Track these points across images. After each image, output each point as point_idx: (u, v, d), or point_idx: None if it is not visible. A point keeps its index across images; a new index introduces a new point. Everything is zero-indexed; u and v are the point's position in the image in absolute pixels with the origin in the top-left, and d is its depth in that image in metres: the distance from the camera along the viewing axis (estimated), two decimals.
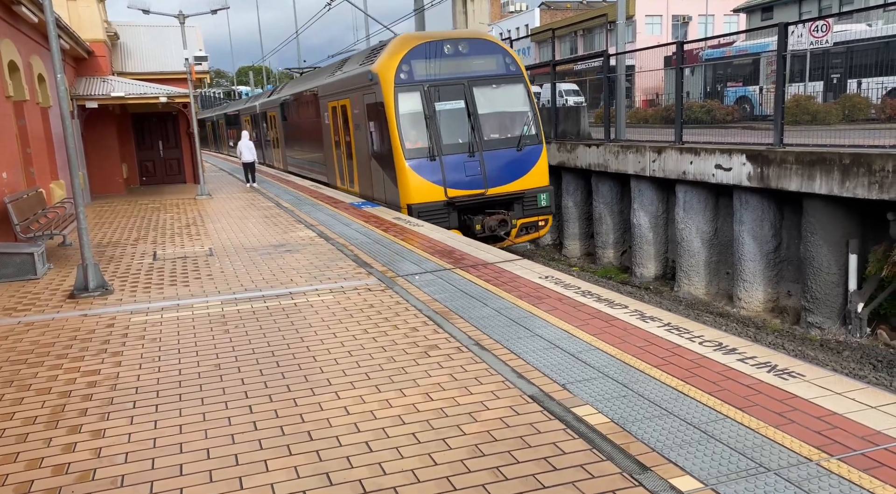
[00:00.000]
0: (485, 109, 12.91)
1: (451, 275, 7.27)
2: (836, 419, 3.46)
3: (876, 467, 3.00)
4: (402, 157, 12.35)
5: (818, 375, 4.01)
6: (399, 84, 12.45)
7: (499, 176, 12.74)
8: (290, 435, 3.75)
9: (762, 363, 4.27)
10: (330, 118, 16.92)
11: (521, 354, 4.77)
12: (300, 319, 6.01)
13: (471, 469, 3.25)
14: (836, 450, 3.16)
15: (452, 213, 12.47)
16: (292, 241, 10.01)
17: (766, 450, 3.21)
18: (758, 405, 3.68)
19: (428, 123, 12.46)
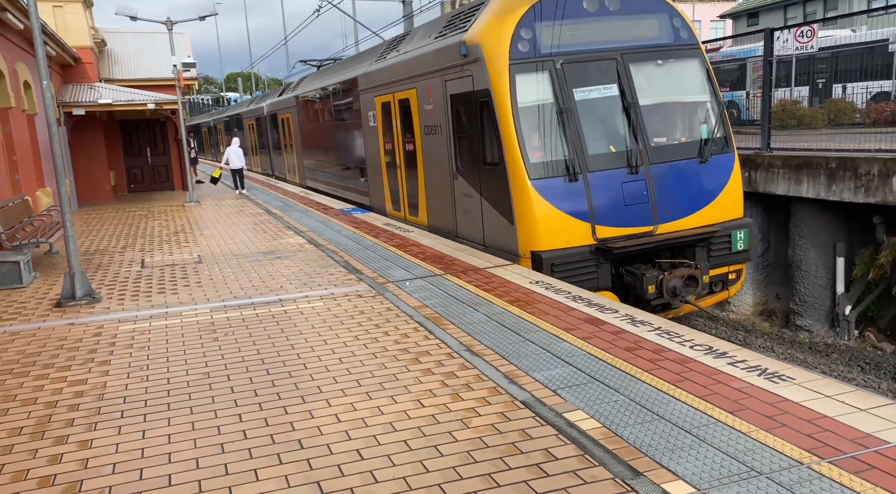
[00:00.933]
0: (649, 98, 8.40)
1: (441, 281, 7.26)
2: (827, 422, 3.47)
3: (867, 470, 3.01)
4: (522, 174, 7.80)
5: (808, 378, 4.03)
6: (517, 60, 7.98)
7: (675, 204, 8.21)
8: (280, 444, 3.72)
9: (752, 366, 4.28)
10: (378, 118, 12.59)
11: (513, 359, 4.76)
12: (290, 326, 5.97)
13: (463, 476, 3.23)
14: (827, 453, 3.17)
15: (603, 265, 7.84)
16: (282, 247, 9.96)
17: (757, 454, 3.21)
18: (748, 409, 3.69)
19: (564, 120, 7.96)
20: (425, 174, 10.66)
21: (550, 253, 7.70)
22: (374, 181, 13.54)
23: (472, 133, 8.78)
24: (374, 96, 12.61)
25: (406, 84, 10.88)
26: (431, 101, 9.98)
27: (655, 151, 8.24)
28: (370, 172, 13.68)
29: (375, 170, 13.29)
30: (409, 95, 10.84)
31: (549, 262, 7.63)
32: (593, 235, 7.84)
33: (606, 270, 7.90)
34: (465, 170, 9.20)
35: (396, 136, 11.84)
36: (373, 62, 13.06)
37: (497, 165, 8.20)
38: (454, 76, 9.06)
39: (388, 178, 12.66)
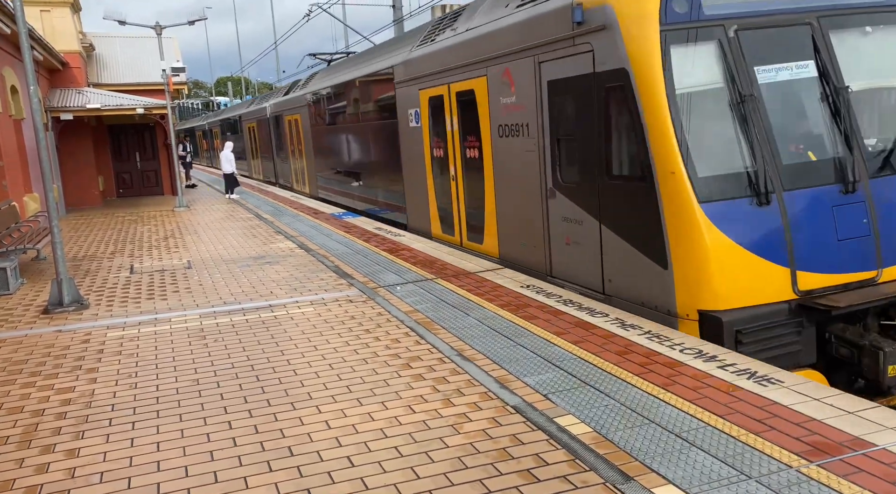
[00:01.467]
0: (861, 81, 5.82)
1: (433, 285, 7.25)
2: (815, 425, 3.49)
3: (855, 473, 3.02)
4: (685, 193, 5.30)
5: (796, 381, 4.06)
6: (672, 25, 5.46)
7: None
8: (270, 451, 3.70)
9: (742, 369, 4.30)
10: (423, 117, 10.12)
11: (504, 364, 4.76)
12: (280, 332, 5.95)
13: (454, 483, 3.22)
14: (816, 456, 3.19)
15: (807, 329, 5.32)
16: (272, 252, 9.93)
17: (746, 457, 3.22)
18: (738, 413, 3.70)
19: (745, 113, 5.46)
20: (496, 189, 8.22)
21: (733, 314, 5.09)
22: (414, 196, 10.89)
23: (587, 133, 6.31)
24: (419, 89, 10.04)
25: (470, 71, 8.42)
26: (513, 91, 7.58)
27: (875, 159, 5.65)
28: (409, 184, 11.05)
29: (417, 181, 10.65)
30: (475, 86, 8.37)
31: (733, 327, 5.05)
32: (793, 285, 5.25)
33: (811, 337, 5.30)
34: (569, 185, 6.75)
35: (452, 138, 9.28)
36: (415, 47, 10.22)
37: (636, 178, 5.68)
38: (557, 55, 6.65)
39: (435, 192, 10.07)
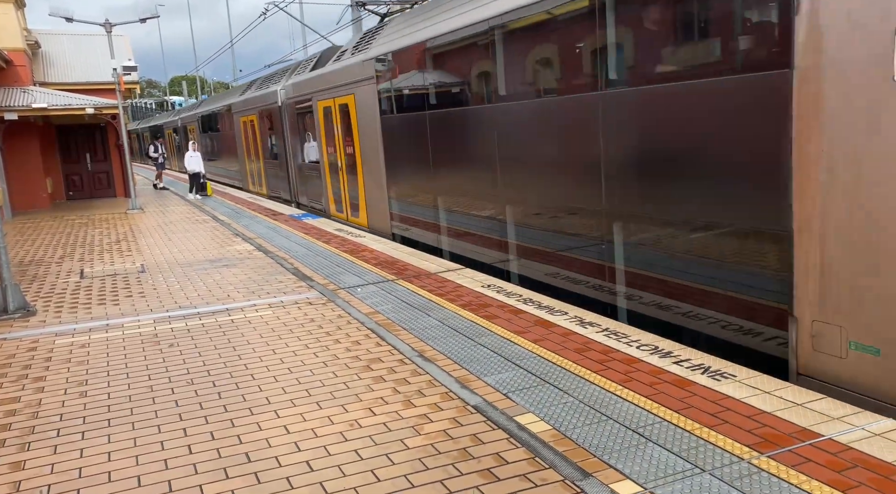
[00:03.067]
0: None
1: (393, 286, 7.22)
2: (766, 417, 3.60)
3: (803, 463, 3.12)
4: None
5: (748, 375, 4.17)
6: None
7: None
8: (226, 458, 3.62)
9: (696, 365, 4.40)
10: None
11: (465, 364, 4.77)
12: (237, 336, 5.84)
13: (415, 484, 3.21)
14: (767, 448, 3.28)
15: None
16: (229, 255, 9.74)
17: (700, 451, 3.30)
18: (693, 407, 3.79)
19: None
20: None
21: None
22: None
23: None
24: None
25: None
26: None
27: None
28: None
29: None
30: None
31: None
32: None
33: None
34: None
35: None
36: None
37: None
38: None
39: None
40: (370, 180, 11.14)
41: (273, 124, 16.76)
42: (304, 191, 15.56)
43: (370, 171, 11.06)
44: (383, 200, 10.74)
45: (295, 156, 15.74)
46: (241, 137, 20.66)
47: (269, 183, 18.45)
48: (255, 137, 18.83)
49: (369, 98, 10.53)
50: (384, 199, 10.71)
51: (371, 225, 11.51)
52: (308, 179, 14.99)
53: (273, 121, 16.71)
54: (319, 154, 13.66)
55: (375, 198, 11.08)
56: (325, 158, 13.35)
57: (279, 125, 16.34)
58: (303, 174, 15.36)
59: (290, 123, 15.51)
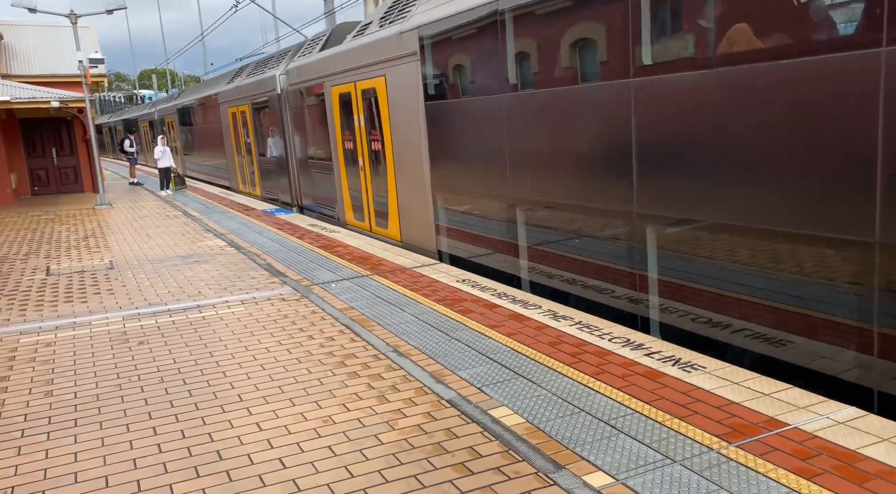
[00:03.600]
0: None
1: (368, 282, 7.19)
2: (735, 408, 3.66)
3: (770, 451, 3.18)
4: None
5: (717, 366, 4.24)
6: None
7: None
8: (197, 456, 3.57)
9: (667, 356, 4.46)
10: None
11: (439, 358, 4.76)
12: (209, 333, 5.76)
13: (388, 480, 3.20)
14: (735, 438, 3.34)
15: None
16: (201, 251, 9.60)
17: (671, 442, 3.34)
18: (664, 398, 3.83)
19: None
20: None
21: None
22: None
23: None
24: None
25: None
26: None
27: None
28: None
29: None
30: None
31: None
32: None
33: None
34: None
35: None
36: None
37: None
38: None
39: None
40: (406, 183, 8.78)
41: (270, 115, 14.24)
42: (310, 193, 12.98)
43: (406, 171, 8.69)
44: (425, 208, 8.33)
45: (298, 152, 13.25)
46: (230, 131, 17.85)
47: (265, 183, 15.75)
48: (248, 130, 16.21)
49: (408, 80, 8.16)
50: (427, 207, 8.29)
51: (406, 238, 9.09)
52: (316, 179, 12.38)
53: (270, 111, 14.18)
54: (333, 150, 11.17)
55: (413, 205, 8.63)
56: (341, 155, 10.85)
57: (278, 116, 13.77)
58: (309, 174, 12.80)
59: (294, 113, 13.01)
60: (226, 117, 18.05)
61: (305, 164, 12.97)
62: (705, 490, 2.89)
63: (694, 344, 4.80)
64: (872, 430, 3.30)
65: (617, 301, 5.53)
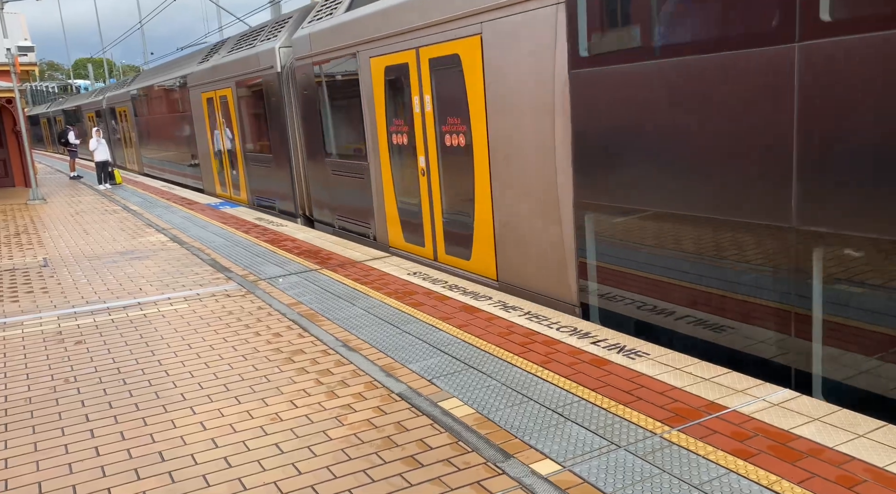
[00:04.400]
0: None
1: (317, 276, 7.09)
2: (677, 393, 3.76)
3: (710, 434, 3.29)
4: None
5: (660, 353, 4.35)
6: None
7: None
8: (138, 458, 3.45)
9: (612, 344, 4.55)
10: None
11: (390, 352, 4.74)
12: (150, 331, 5.57)
13: (337, 475, 3.16)
14: (677, 422, 3.43)
15: None
16: (141, 247, 9.28)
17: (616, 428, 3.42)
18: (609, 386, 3.91)
19: None
20: None
21: None
22: None
23: None
24: None
25: None
26: None
27: None
28: None
29: None
30: None
31: None
32: None
33: None
34: None
35: None
36: None
37: None
38: None
39: None
40: (513, 193, 6.02)
41: (265, 100, 11.40)
42: (325, 201, 10.07)
43: (515, 175, 5.95)
44: (556, 233, 5.60)
45: (308, 146, 10.29)
46: (204, 122, 14.86)
47: (255, 186, 12.83)
48: (230, 119, 13.29)
49: (532, 36, 5.53)
50: (560, 231, 5.55)
51: (508, 277, 6.27)
52: (337, 183, 9.49)
53: (265, 95, 11.35)
54: (370, 144, 8.35)
55: (528, 227, 5.92)
56: (384, 151, 8.05)
57: (277, 101, 10.93)
58: (324, 176, 9.88)
59: (303, 96, 10.10)
60: (198, 104, 14.95)
61: (320, 163, 9.91)
62: (648, 475, 2.97)
63: (636, 331, 4.96)
64: (804, 411, 3.45)
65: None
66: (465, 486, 2.99)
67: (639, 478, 2.94)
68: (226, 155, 14.20)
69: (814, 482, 2.82)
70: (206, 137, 15.10)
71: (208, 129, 14.83)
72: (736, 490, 2.80)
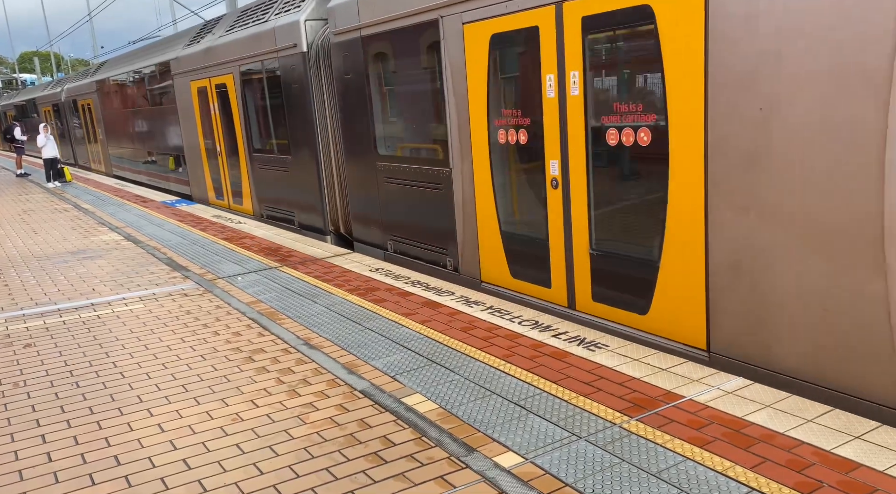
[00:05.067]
0: None
1: (277, 274, 7.00)
2: (635, 383, 3.84)
3: (668, 423, 3.37)
4: None
5: (619, 344, 4.43)
6: None
7: None
8: (93, 463, 3.36)
9: (573, 337, 4.62)
10: None
11: (352, 349, 4.71)
12: (105, 332, 5.42)
13: (299, 474, 3.14)
14: (636, 412, 3.51)
15: None
16: (94, 246, 9.01)
17: (577, 419, 3.47)
18: (569, 378, 3.97)
19: None
20: None
21: None
22: None
23: None
24: None
25: None
26: None
27: None
28: None
29: None
30: None
31: None
32: None
33: None
34: None
35: None
36: None
37: None
38: None
39: None
40: (779, 221, 3.76)
41: (282, 88, 9.26)
42: (375, 218, 7.84)
43: (777, 190, 3.73)
44: (879, 293, 3.38)
45: (348, 146, 8.10)
46: (194, 115, 12.60)
47: (266, 194, 10.67)
48: (231, 113, 11.07)
49: None
50: (882, 290, 3.36)
51: (735, 349, 4.10)
52: (395, 196, 7.38)
53: (283, 81, 9.21)
54: (459, 143, 6.17)
55: (807, 279, 3.68)
56: (482, 155, 5.97)
57: (301, 88, 8.84)
58: (374, 185, 7.69)
59: (342, 81, 7.93)
60: (186, 96, 12.63)
61: (367, 166, 7.75)
62: (608, 464, 3.03)
63: None
64: (757, 398, 3.56)
65: None
66: (428, 481, 3.00)
67: (599, 468, 3.00)
68: (223, 157, 11.93)
69: (765, 466, 2.92)
70: (196, 134, 12.69)
71: (199, 125, 12.48)
72: (692, 477, 2.88)
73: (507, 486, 2.91)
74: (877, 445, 3.03)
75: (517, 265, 5.79)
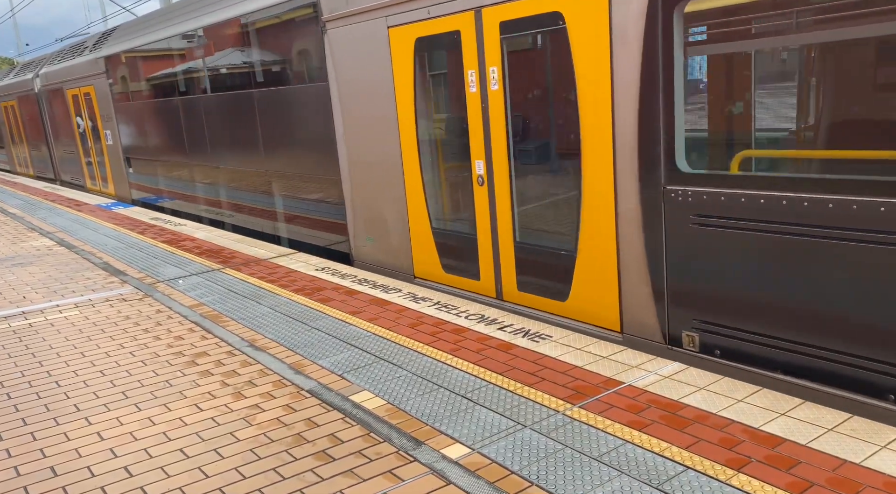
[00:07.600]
0: None
1: (220, 276, 6.86)
2: (578, 371, 3.96)
3: (608, 409, 3.49)
4: None
5: (563, 335, 4.55)
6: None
7: None
8: (27, 475, 3.24)
9: (518, 329, 4.71)
10: None
11: (298, 349, 4.68)
12: (37, 341, 5.21)
13: (246, 476, 3.11)
14: (578, 399, 3.62)
15: None
16: (24, 252, 8.62)
17: (522, 409, 3.55)
18: (515, 369, 4.06)
19: None
20: None
21: None
22: None
23: None
24: None
25: None
26: None
27: None
28: None
29: None
30: None
31: None
32: None
33: None
34: None
35: None
36: None
37: None
38: None
39: None
40: None
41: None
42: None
43: None
44: None
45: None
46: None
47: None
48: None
49: None
50: None
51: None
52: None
53: None
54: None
55: None
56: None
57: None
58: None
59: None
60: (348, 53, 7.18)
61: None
62: (552, 450, 3.12)
63: None
64: (691, 381, 3.72)
65: None
66: (377, 476, 3.03)
67: (543, 455, 3.08)
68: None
69: (699, 446, 3.07)
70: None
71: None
72: (631, 459, 3.00)
73: (454, 477, 2.96)
74: (800, 420, 3.22)
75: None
